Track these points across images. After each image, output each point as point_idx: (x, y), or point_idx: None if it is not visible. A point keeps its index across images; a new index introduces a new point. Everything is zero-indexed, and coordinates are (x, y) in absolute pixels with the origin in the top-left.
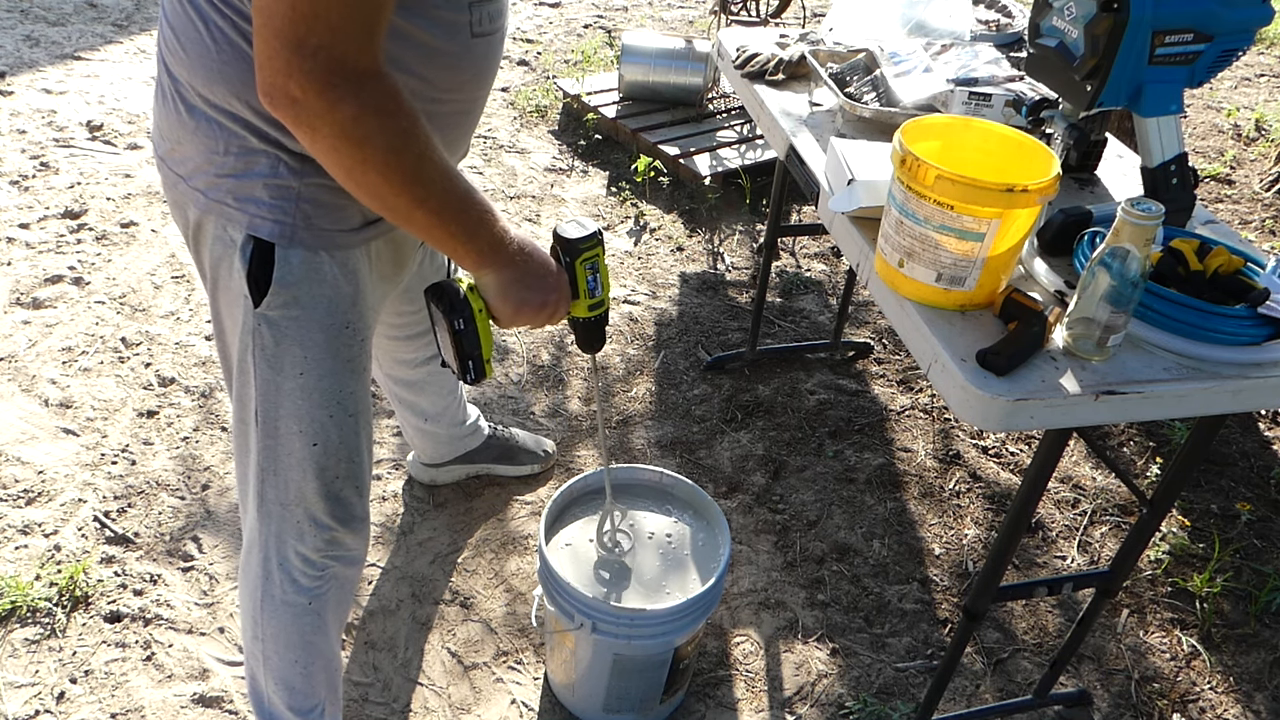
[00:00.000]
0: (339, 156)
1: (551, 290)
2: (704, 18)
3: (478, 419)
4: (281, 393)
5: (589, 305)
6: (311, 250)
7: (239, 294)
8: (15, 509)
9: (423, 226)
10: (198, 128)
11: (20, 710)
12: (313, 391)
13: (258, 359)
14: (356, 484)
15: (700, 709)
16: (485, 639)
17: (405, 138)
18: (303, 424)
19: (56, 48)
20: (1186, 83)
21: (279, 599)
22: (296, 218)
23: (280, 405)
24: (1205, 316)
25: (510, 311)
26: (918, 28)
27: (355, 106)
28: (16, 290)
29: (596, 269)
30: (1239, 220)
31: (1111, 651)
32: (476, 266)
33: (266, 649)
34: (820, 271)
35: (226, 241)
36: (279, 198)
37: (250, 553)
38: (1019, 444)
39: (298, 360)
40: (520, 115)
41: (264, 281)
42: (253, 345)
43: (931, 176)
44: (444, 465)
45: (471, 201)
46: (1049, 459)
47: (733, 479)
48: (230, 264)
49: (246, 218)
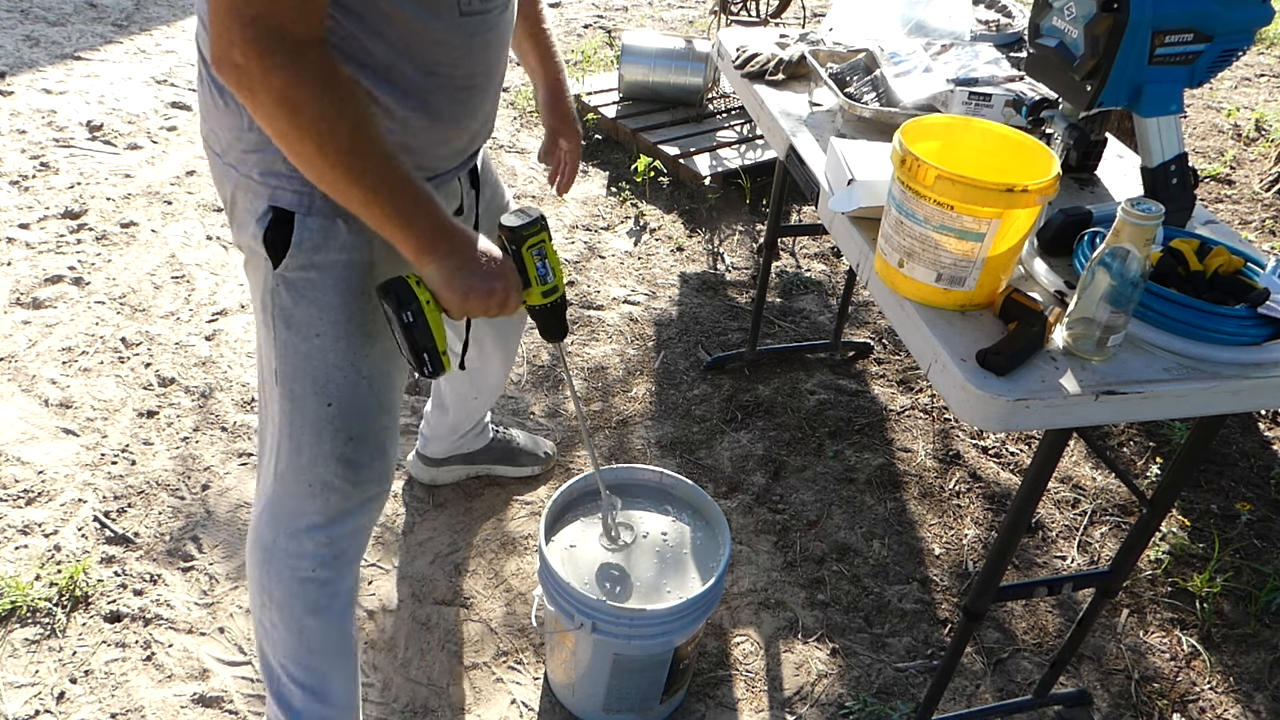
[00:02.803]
0: (275, 123)
1: (497, 278)
2: (704, 18)
3: (486, 420)
4: (299, 354)
5: (543, 292)
6: (328, 218)
7: (262, 258)
8: (15, 509)
9: (359, 204)
10: (226, 106)
11: (20, 710)
12: (328, 353)
13: (276, 320)
14: (370, 447)
15: (700, 709)
16: (485, 639)
17: (340, 107)
18: (318, 385)
19: (56, 48)
20: (1186, 83)
21: (285, 565)
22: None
23: (297, 366)
24: (1205, 316)
25: (458, 300)
26: (918, 28)
27: (291, 74)
28: (16, 290)
29: (544, 255)
30: (1239, 220)
31: (1111, 651)
32: (417, 254)
33: (273, 616)
34: (820, 271)
35: (254, 213)
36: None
37: (261, 516)
38: (1019, 444)
39: (314, 321)
40: (520, 115)
41: (283, 245)
42: (272, 306)
43: (931, 176)
44: (445, 464)
45: (410, 185)
46: (1049, 459)
47: (733, 479)
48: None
49: (269, 190)
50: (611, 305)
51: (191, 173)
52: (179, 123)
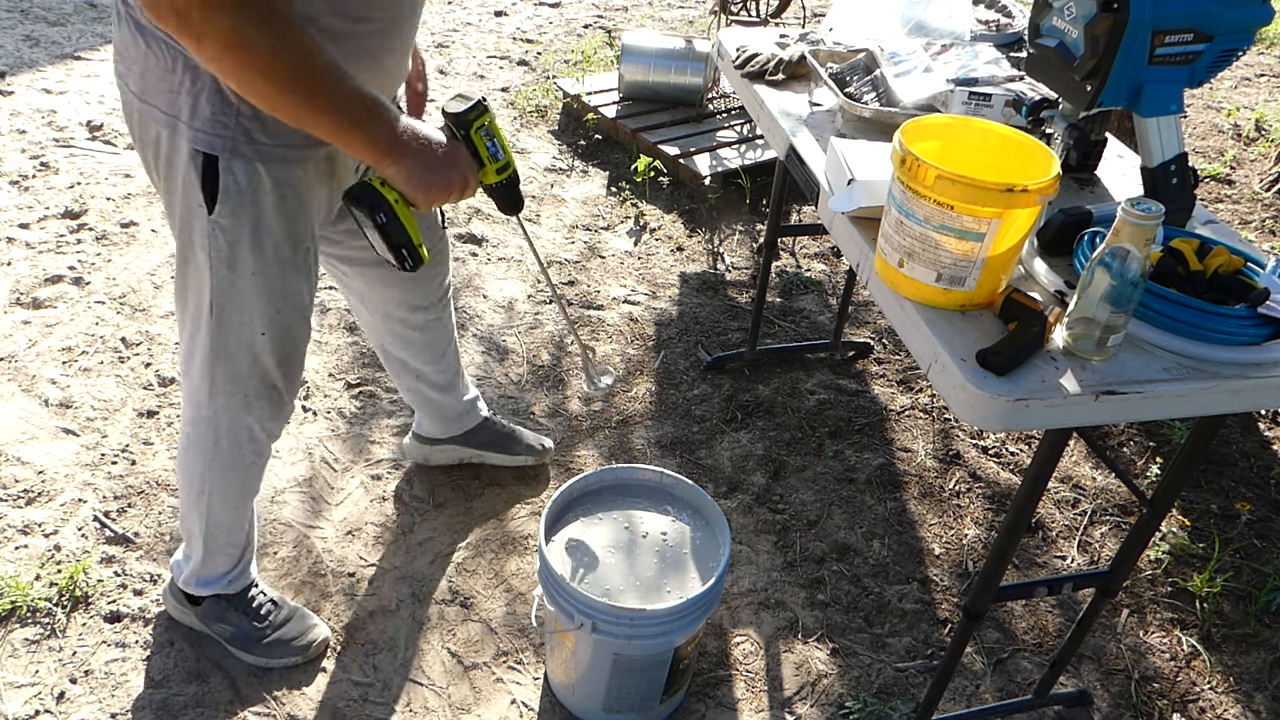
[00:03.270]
0: (223, 64)
1: (454, 167)
2: (704, 18)
3: (476, 398)
4: (235, 289)
5: (496, 170)
6: (250, 162)
7: (195, 202)
8: (15, 509)
9: (315, 125)
10: (149, 47)
11: (20, 710)
12: (262, 290)
13: (215, 259)
14: (294, 366)
15: (700, 709)
16: (485, 639)
17: (283, 40)
18: (253, 316)
19: (56, 48)
20: (1186, 83)
21: (228, 460)
22: (237, 132)
23: (232, 300)
24: (1205, 316)
25: (423, 195)
26: (918, 28)
27: (233, 16)
28: (16, 290)
29: (492, 135)
30: (1239, 220)
31: (1111, 651)
32: (379, 160)
33: (212, 501)
34: (820, 271)
35: (182, 153)
36: (220, 113)
37: (196, 424)
38: (1019, 444)
39: (249, 262)
40: (520, 115)
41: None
42: (210, 247)
43: (931, 176)
44: (440, 444)
45: (361, 97)
46: (1049, 459)
47: (733, 479)
48: (185, 175)
49: (193, 132)
50: (611, 305)
51: None
52: None
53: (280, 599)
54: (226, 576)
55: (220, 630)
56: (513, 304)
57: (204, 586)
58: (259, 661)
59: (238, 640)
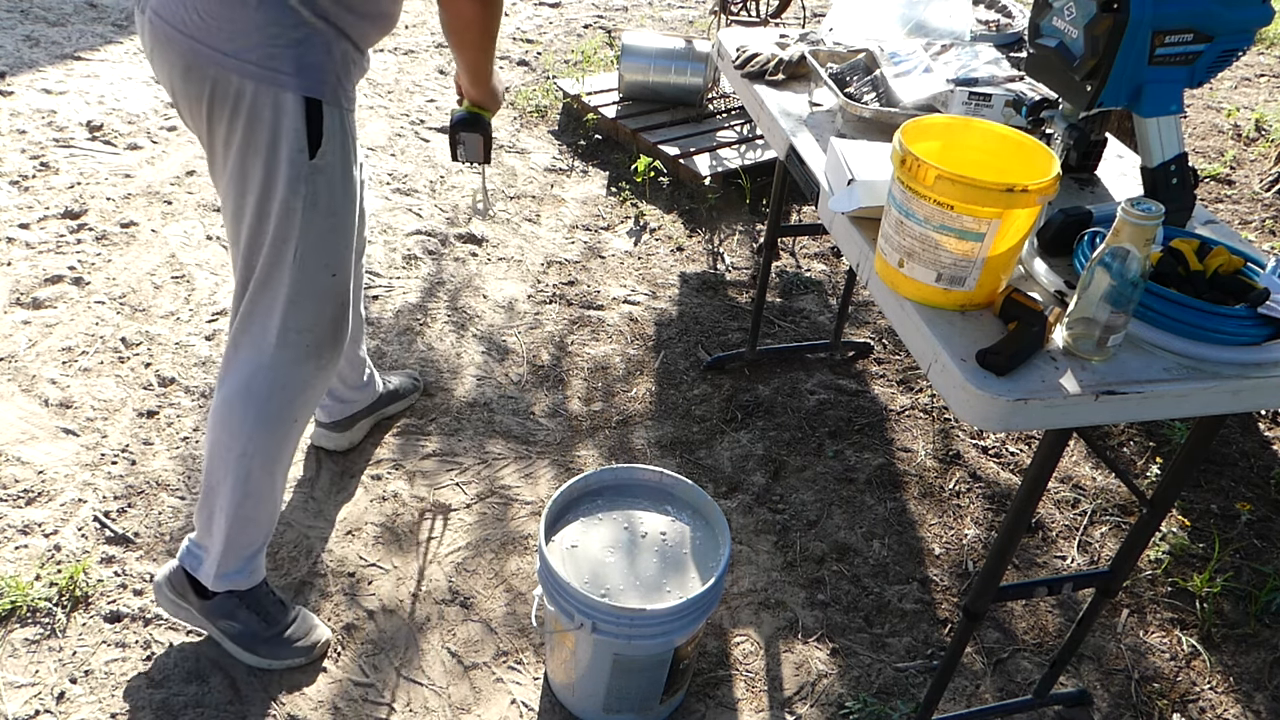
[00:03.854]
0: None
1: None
2: (704, 18)
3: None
4: (317, 232)
5: None
6: (338, 109)
7: (296, 151)
8: (15, 509)
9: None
10: (259, 5)
11: (20, 710)
12: (336, 228)
13: (305, 205)
14: (346, 319)
15: (700, 709)
16: (485, 639)
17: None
18: (328, 258)
19: (56, 48)
20: (1186, 83)
21: (277, 415)
22: (333, 81)
23: (314, 243)
24: (1205, 316)
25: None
26: (918, 28)
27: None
28: (16, 290)
29: None
30: (1239, 220)
31: (1111, 651)
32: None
33: (253, 465)
34: (820, 271)
35: (282, 104)
36: (325, 64)
37: (254, 377)
38: (1019, 444)
39: (330, 203)
40: (520, 115)
41: (315, 137)
42: (304, 193)
43: (931, 176)
44: (354, 422)
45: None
46: (1049, 459)
47: (733, 479)
48: (284, 126)
49: (301, 82)
50: (611, 305)
51: (191, 173)
52: (179, 123)
53: (286, 600)
54: (249, 565)
55: (226, 628)
56: (513, 304)
57: (223, 580)
58: (261, 663)
59: (244, 639)
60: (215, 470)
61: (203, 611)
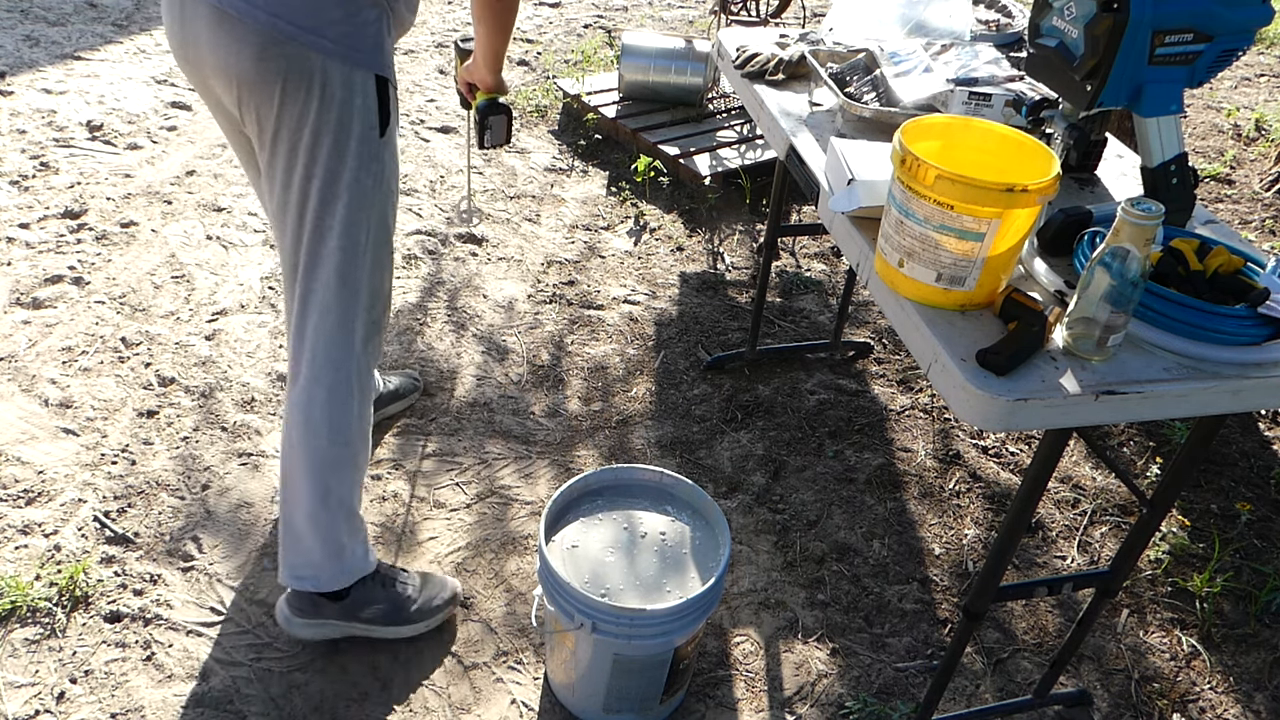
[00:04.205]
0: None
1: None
2: (704, 18)
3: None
4: (381, 209)
5: None
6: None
7: (367, 127)
8: (15, 509)
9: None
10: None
11: (20, 710)
12: (390, 201)
13: (374, 182)
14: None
15: (700, 709)
16: (485, 639)
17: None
18: (389, 233)
19: (56, 48)
20: (1186, 83)
21: (364, 400)
22: (391, 59)
23: (379, 219)
24: (1205, 316)
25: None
26: (918, 28)
27: None
28: (16, 290)
29: None
30: (1239, 220)
31: (1111, 651)
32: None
33: (358, 457)
34: (820, 271)
35: (349, 84)
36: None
37: (340, 368)
38: (1019, 444)
39: (387, 176)
40: (520, 115)
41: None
42: (373, 166)
43: (931, 176)
44: None
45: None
46: (1049, 459)
47: (733, 479)
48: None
49: (372, 59)
50: (611, 305)
51: (191, 173)
52: (179, 123)
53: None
54: (367, 552)
55: (372, 614)
56: (513, 304)
57: (350, 575)
58: (416, 629)
59: (391, 616)
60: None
61: (344, 614)
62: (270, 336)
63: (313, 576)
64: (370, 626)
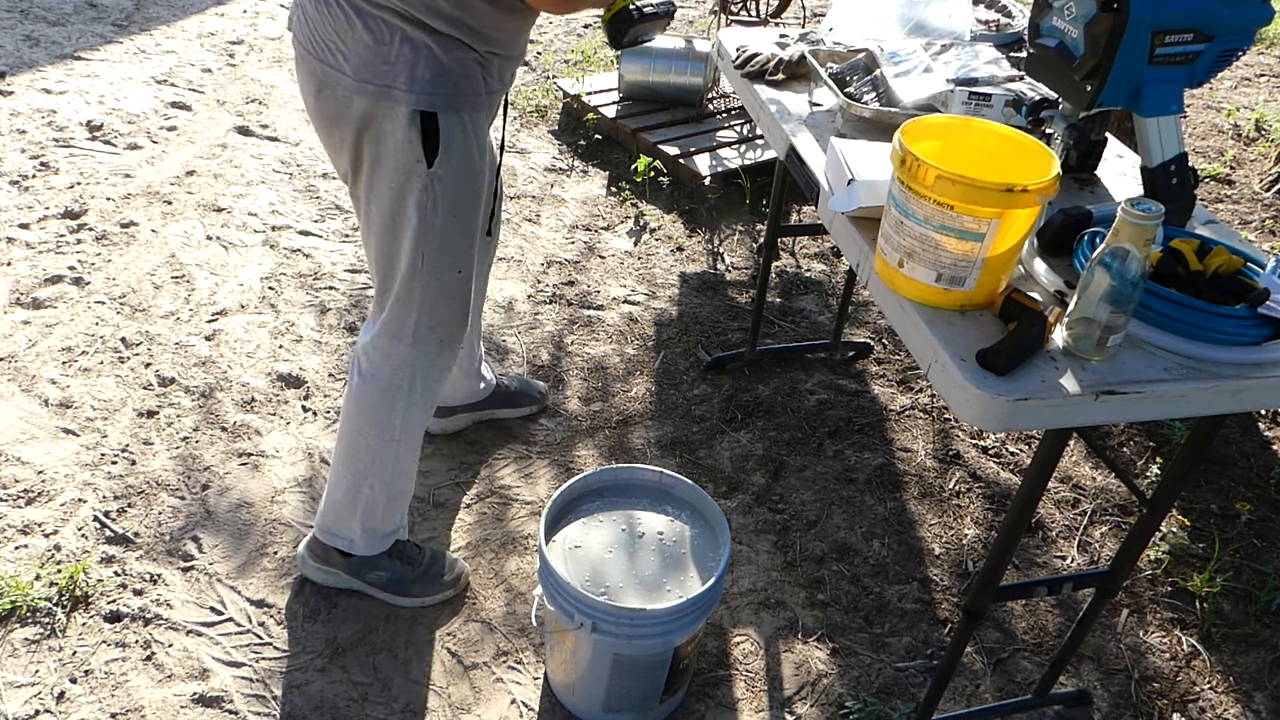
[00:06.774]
0: None
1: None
2: (704, 18)
3: (483, 363)
4: (445, 234)
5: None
6: (458, 113)
7: (413, 161)
8: (15, 509)
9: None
10: (365, 27)
11: (20, 710)
12: (461, 229)
13: (430, 210)
14: (467, 308)
15: (700, 709)
16: (485, 639)
17: None
18: (454, 257)
19: (56, 48)
20: (1186, 83)
21: (419, 402)
22: (450, 89)
23: (441, 245)
24: (1205, 316)
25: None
26: (918, 28)
27: None
28: (16, 290)
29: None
30: (1239, 220)
31: (1111, 651)
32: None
33: (401, 449)
34: (820, 271)
35: (397, 118)
36: (438, 75)
37: (395, 372)
38: (1019, 444)
39: (454, 204)
40: (520, 115)
41: (431, 146)
42: (429, 200)
43: (931, 176)
44: (455, 413)
45: None
46: (1049, 459)
47: (733, 479)
48: (400, 138)
49: (413, 96)
50: (611, 305)
51: (191, 173)
52: (179, 123)
53: (419, 542)
54: (396, 529)
55: (375, 579)
56: (513, 304)
57: (377, 547)
58: (414, 602)
59: (394, 585)
60: (359, 461)
61: (350, 570)
62: (270, 336)
63: (344, 539)
64: (372, 589)
